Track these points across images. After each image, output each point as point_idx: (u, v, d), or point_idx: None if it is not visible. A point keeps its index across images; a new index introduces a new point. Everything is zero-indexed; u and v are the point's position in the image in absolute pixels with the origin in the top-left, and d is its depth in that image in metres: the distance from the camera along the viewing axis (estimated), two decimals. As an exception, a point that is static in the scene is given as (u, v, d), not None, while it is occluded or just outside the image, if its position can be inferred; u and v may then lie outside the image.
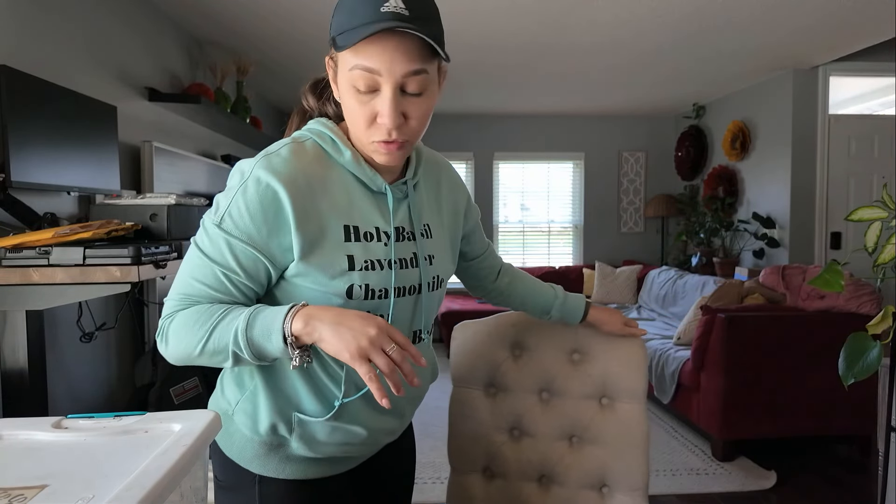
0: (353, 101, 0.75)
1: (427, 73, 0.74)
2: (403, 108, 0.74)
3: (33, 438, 0.55)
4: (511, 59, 3.63)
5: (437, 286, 0.89)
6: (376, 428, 0.88)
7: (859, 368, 1.62)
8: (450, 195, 0.97)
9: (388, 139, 0.75)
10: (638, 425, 1.22)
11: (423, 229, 0.88)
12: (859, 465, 2.75)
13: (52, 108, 1.72)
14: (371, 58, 0.71)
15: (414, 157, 0.90)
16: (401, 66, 0.71)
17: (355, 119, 0.76)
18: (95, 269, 1.32)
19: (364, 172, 0.81)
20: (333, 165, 0.81)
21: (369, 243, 0.80)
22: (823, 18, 2.94)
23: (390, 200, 0.83)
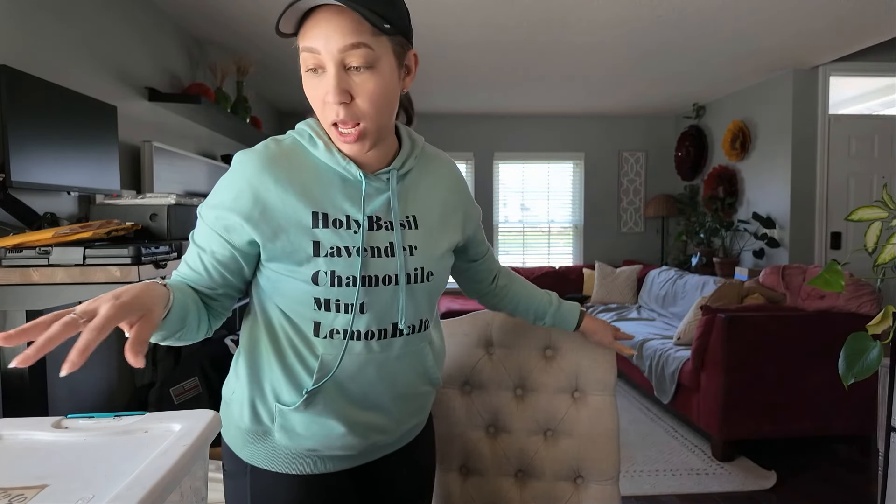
0: (308, 85, 0.78)
1: (369, 47, 0.74)
2: (347, 85, 0.75)
3: (33, 438, 0.55)
4: (511, 58, 3.63)
5: (421, 279, 0.86)
6: (357, 423, 0.86)
7: (859, 368, 1.62)
8: (451, 194, 0.95)
9: (336, 119, 0.76)
10: (609, 416, 1.26)
11: (407, 220, 0.87)
12: (859, 465, 2.75)
13: (52, 108, 1.72)
14: (308, 37, 0.74)
15: (407, 148, 0.89)
16: (336, 41, 0.72)
17: (313, 103, 0.79)
18: (95, 269, 1.32)
19: (337, 161, 0.82)
20: (308, 157, 0.83)
21: (338, 230, 0.81)
22: (824, 18, 2.94)
23: (363, 189, 0.83)
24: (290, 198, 0.79)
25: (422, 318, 0.89)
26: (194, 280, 0.82)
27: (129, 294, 0.62)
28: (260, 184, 0.79)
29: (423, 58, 3.60)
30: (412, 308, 0.87)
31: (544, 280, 5.28)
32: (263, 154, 0.81)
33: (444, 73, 3.97)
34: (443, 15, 2.86)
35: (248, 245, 0.81)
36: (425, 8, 2.76)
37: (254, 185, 0.78)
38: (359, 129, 0.77)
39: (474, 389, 1.30)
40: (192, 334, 0.81)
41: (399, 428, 0.93)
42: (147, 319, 0.63)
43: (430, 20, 2.93)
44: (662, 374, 3.25)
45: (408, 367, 0.89)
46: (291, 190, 0.80)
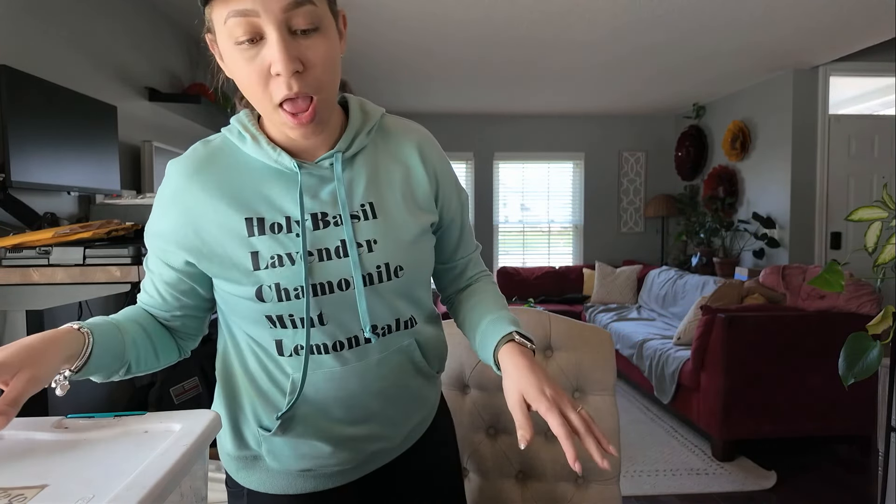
0: (240, 61, 0.64)
1: (313, 3, 0.63)
2: (298, 52, 0.63)
3: (33, 438, 0.55)
4: (511, 59, 3.63)
5: (388, 276, 0.74)
6: (346, 439, 0.79)
7: (859, 368, 1.62)
8: (419, 167, 0.80)
9: (289, 94, 0.63)
10: (609, 416, 1.25)
11: (362, 210, 0.74)
12: (859, 465, 2.75)
13: (52, 108, 1.72)
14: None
15: (356, 123, 0.76)
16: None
17: (250, 84, 0.65)
18: (95, 268, 1.32)
19: (267, 154, 0.71)
20: (239, 156, 0.74)
21: (277, 235, 0.70)
22: (823, 18, 2.94)
23: (300, 181, 0.71)
24: (221, 206, 0.71)
25: (400, 319, 0.78)
26: (151, 304, 0.78)
27: (6, 352, 0.57)
28: (188, 196, 0.71)
29: (424, 58, 3.60)
30: (383, 311, 0.76)
31: (544, 280, 5.28)
32: (189, 161, 0.73)
33: (444, 73, 3.97)
34: (443, 15, 2.86)
35: (187, 265, 0.73)
36: (425, 8, 2.76)
37: (180, 200, 0.71)
38: (314, 105, 0.66)
39: (474, 391, 1.30)
40: (151, 363, 0.76)
41: (400, 430, 0.84)
42: (24, 377, 0.55)
43: (429, 20, 2.93)
44: (662, 374, 3.25)
45: (393, 369, 0.80)
46: (221, 197, 0.71)
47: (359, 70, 3.88)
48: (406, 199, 0.78)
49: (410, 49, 3.42)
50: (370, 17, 2.87)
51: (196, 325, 0.82)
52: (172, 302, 0.77)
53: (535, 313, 1.30)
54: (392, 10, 2.79)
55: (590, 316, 4.73)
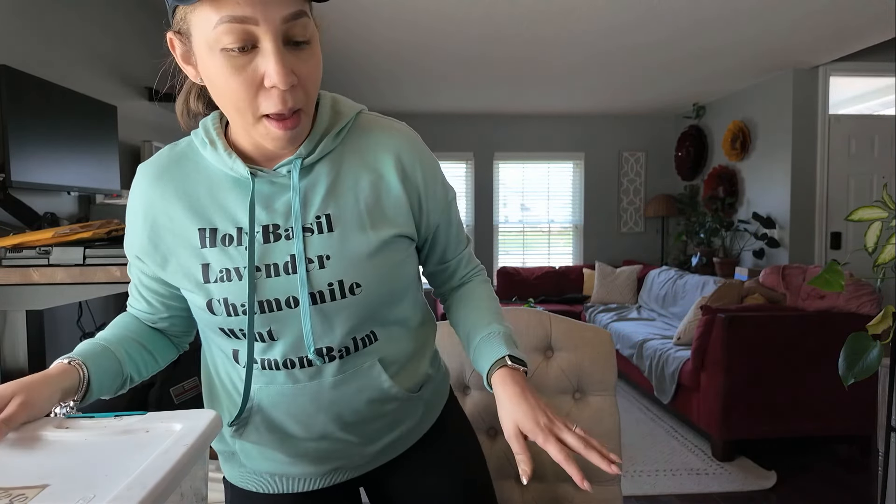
0: (227, 68, 0.58)
1: (308, 16, 0.60)
2: (293, 65, 0.59)
3: (34, 438, 0.55)
4: (511, 59, 3.64)
5: (342, 294, 0.69)
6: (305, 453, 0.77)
7: (859, 368, 1.63)
8: (394, 173, 0.73)
9: (282, 108, 0.60)
10: (610, 416, 1.25)
11: (317, 222, 0.69)
12: (859, 465, 2.75)
13: (52, 108, 1.72)
14: (239, 4, 0.56)
15: (322, 124, 0.70)
16: (278, 8, 0.57)
17: (232, 94, 0.60)
18: (95, 268, 1.32)
19: (222, 160, 0.68)
20: (200, 162, 0.71)
21: (227, 248, 0.68)
22: (823, 18, 2.94)
23: (252, 190, 0.67)
24: (178, 213, 0.69)
25: (357, 336, 0.72)
26: (138, 309, 0.79)
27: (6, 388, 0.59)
28: (148, 202, 0.70)
29: (424, 58, 3.60)
30: (338, 331, 0.71)
31: (544, 280, 5.28)
32: (153, 166, 0.71)
33: (444, 72, 3.97)
34: (443, 15, 2.86)
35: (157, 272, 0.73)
36: (426, 8, 2.76)
37: (143, 204, 0.70)
38: (298, 116, 0.63)
39: (475, 392, 1.30)
40: (152, 367, 0.78)
41: (367, 449, 0.80)
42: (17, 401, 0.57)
43: (430, 20, 2.93)
44: (662, 374, 3.25)
45: (352, 392, 0.74)
46: (179, 204, 0.69)
47: (359, 70, 3.88)
48: (370, 209, 0.71)
49: (411, 49, 3.42)
50: (370, 16, 2.87)
51: (186, 324, 0.81)
52: (157, 306, 0.77)
53: (535, 313, 1.29)
54: (392, 9, 2.79)
55: (590, 316, 4.73)
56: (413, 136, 0.77)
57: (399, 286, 0.75)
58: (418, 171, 0.74)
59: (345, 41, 3.25)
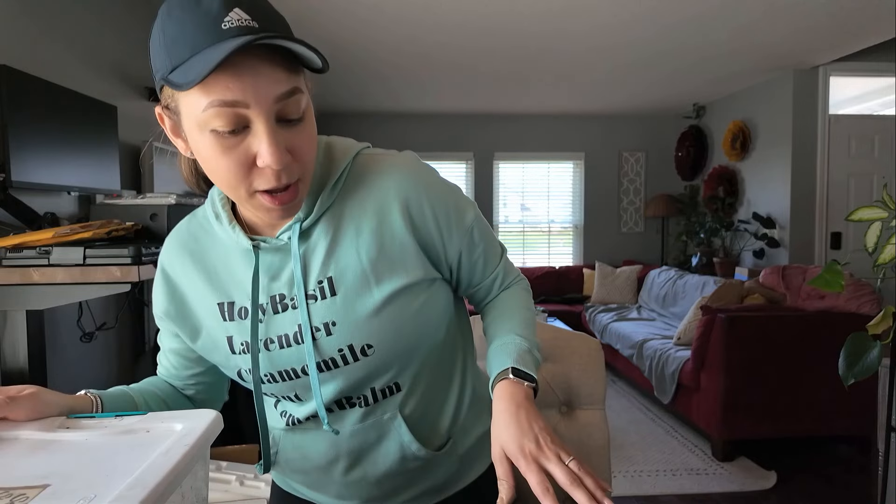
0: (216, 149, 0.57)
1: (301, 91, 0.58)
2: (287, 141, 0.58)
3: (35, 438, 0.55)
4: (511, 58, 3.64)
5: (353, 358, 0.67)
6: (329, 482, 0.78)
7: (859, 368, 1.63)
8: (397, 218, 0.68)
9: (277, 185, 0.58)
10: (599, 432, 1.16)
11: (319, 287, 0.66)
12: (859, 465, 2.75)
13: (53, 108, 1.72)
14: (229, 88, 0.54)
15: (316, 180, 0.67)
16: (270, 90, 0.55)
17: (223, 172, 0.58)
18: (96, 268, 1.32)
19: (227, 232, 0.68)
20: (215, 233, 0.70)
21: (244, 321, 0.68)
22: (823, 18, 2.95)
23: (255, 263, 0.67)
24: (200, 287, 0.70)
25: (377, 387, 0.71)
26: (167, 375, 0.79)
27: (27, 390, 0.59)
28: (173, 274, 0.72)
29: (424, 58, 3.60)
30: (356, 387, 0.70)
31: (544, 280, 5.28)
32: (174, 240, 0.73)
33: (444, 72, 3.97)
34: (444, 15, 2.86)
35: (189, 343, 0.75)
36: (426, 8, 2.76)
37: (168, 277, 0.72)
38: (295, 187, 0.60)
39: None
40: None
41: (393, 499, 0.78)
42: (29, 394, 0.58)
43: (430, 21, 2.93)
44: (662, 374, 3.25)
45: (372, 446, 0.73)
46: (199, 278, 0.70)
47: (359, 70, 3.88)
48: (374, 263, 0.67)
49: (411, 49, 3.42)
50: (370, 16, 2.87)
51: (214, 392, 0.81)
52: (184, 371, 0.77)
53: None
54: (393, 9, 2.79)
55: (590, 316, 4.73)
56: (414, 169, 0.71)
57: (421, 334, 0.70)
58: (426, 208, 0.69)
59: (345, 41, 3.25)
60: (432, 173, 0.72)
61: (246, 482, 1.21)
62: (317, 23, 2.94)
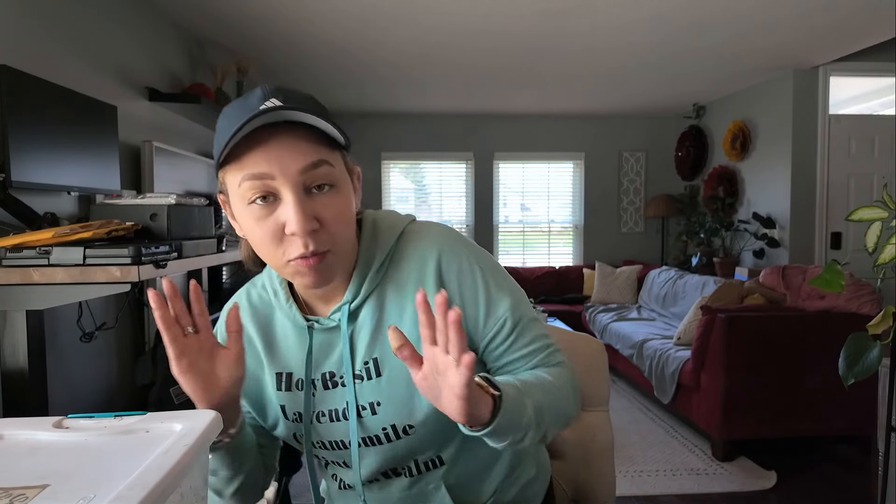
0: (253, 221, 0.63)
1: (330, 164, 0.63)
2: (314, 210, 0.62)
3: (34, 438, 0.55)
4: (511, 58, 3.63)
5: (395, 436, 0.70)
6: None
7: (859, 368, 1.63)
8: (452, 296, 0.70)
9: (304, 252, 0.62)
10: (603, 434, 1.16)
11: (365, 368, 0.70)
12: (859, 465, 2.75)
13: (52, 108, 1.72)
14: (258, 162, 0.61)
15: (363, 264, 0.71)
16: (295, 162, 0.61)
17: (263, 243, 0.64)
18: (95, 268, 1.32)
19: (285, 311, 0.74)
20: (273, 312, 0.77)
21: (299, 392, 0.73)
22: (823, 18, 2.94)
23: (310, 343, 0.71)
24: (261, 354, 0.76)
25: (420, 460, 0.74)
26: None
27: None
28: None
29: (424, 58, 3.60)
30: (400, 460, 0.74)
31: (544, 280, 5.28)
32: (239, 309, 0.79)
33: (444, 72, 3.97)
34: (444, 15, 2.86)
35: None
36: (427, 7, 2.76)
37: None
38: (324, 256, 0.64)
39: None
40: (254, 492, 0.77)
41: None
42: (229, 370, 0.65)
43: (430, 20, 2.93)
44: (662, 374, 3.25)
45: None
46: (260, 345, 0.76)
47: (360, 70, 3.88)
48: (416, 343, 0.68)
49: (411, 49, 3.42)
50: (371, 16, 2.87)
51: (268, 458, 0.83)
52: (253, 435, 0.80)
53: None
54: (393, 9, 2.79)
55: (590, 316, 4.73)
56: (451, 244, 0.73)
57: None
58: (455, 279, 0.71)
59: (346, 41, 3.25)
60: (471, 254, 0.74)
61: (246, 482, 1.21)
62: (316, 24, 2.94)
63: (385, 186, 5.46)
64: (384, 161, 5.47)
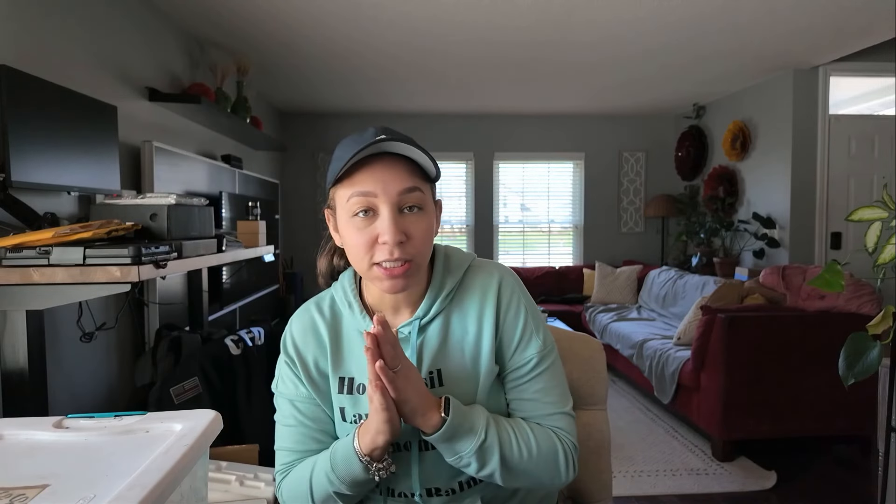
0: (354, 230, 0.77)
1: (421, 191, 0.78)
2: (404, 226, 0.76)
3: (34, 438, 0.55)
4: (511, 59, 3.63)
5: None
6: None
7: (859, 368, 1.63)
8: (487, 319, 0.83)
9: (390, 257, 0.75)
10: (599, 432, 1.16)
11: (429, 377, 0.81)
12: (859, 465, 2.75)
13: (53, 108, 1.72)
14: (366, 182, 0.76)
15: (436, 287, 0.84)
16: (395, 184, 0.76)
17: (357, 248, 0.77)
18: (95, 268, 1.32)
19: (357, 320, 0.84)
20: (342, 320, 0.86)
21: (360, 396, 0.82)
22: (823, 18, 2.94)
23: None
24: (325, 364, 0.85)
25: (462, 480, 0.83)
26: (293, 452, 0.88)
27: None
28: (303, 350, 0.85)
29: (424, 57, 3.60)
30: (445, 473, 0.81)
31: (544, 280, 5.28)
32: (302, 320, 0.88)
33: (444, 73, 3.97)
34: (443, 15, 2.86)
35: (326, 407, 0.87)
36: (427, 7, 2.76)
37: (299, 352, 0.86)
38: (407, 265, 0.77)
39: None
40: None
41: None
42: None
43: (430, 20, 2.93)
44: (662, 374, 3.25)
45: None
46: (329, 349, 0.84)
47: (360, 70, 3.88)
48: (474, 361, 0.82)
49: (411, 49, 3.42)
50: (371, 16, 2.88)
51: None
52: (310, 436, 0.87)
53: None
54: (393, 10, 2.79)
55: (590, 316, 4.73)
56: (506, 283, 0.86)
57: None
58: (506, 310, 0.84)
59: (346, 42, 3.25)
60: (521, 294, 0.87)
61: (246, 482, 1.21)
62: (317, 25, 2.94)
63: (385, 186, 5.46)
64: (384, 161, 5.46)
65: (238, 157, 3.58)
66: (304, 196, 5.42)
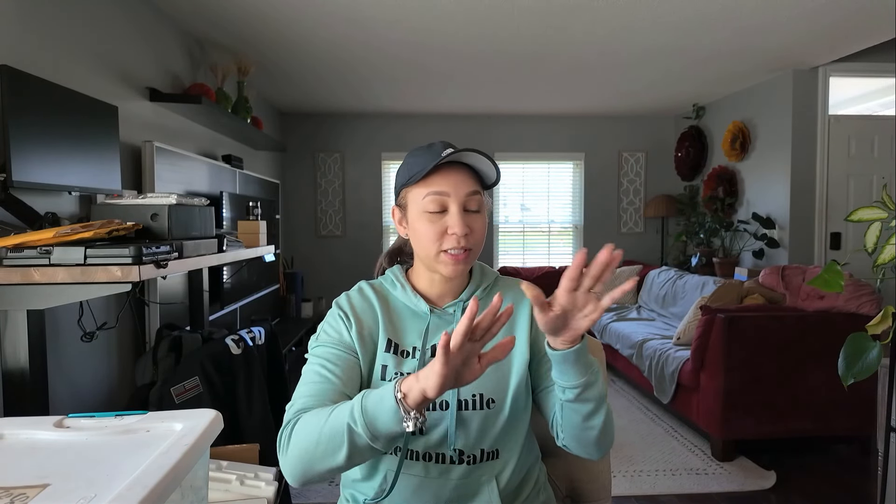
0: (426, 223, 0.94)
1: (481, 195, 0.96)
2: (467, 221, 0.93)
3: (35, 438, 0.55)
4: (511, 59, 3.64)
5: (480, 405, 0.93)
6: None
7: (859, 368, 1.63)
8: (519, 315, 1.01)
9: (456, 246, 0.92)
10: None
11: None
12: (859, 465, 2.75)
13: (53, 108, 1.72)
14: (441, 184, 0.93)
15: (476, 280, 1.03)
16: (463, 188, 0.93)
17: (427, 238, 0.94)
18: (96, 268, 1.32)
19: (410, 299, 1.00)
20: (391, 297, 1.02)
21: (403, 359, 0.95)
22: (823, 19, 2.95)
23: (429, 321, 0.98)
24: (374, 328, 0.98)
25: (485, 450, 0.94)
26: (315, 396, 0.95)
27: None
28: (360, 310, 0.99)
29: (424, 57, 3.61)
30: (470, 436, 0.93)
31: (544, 280, 5.28)
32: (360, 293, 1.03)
33: (444, 73, 3.97)
34: (444, 15, 2.87)
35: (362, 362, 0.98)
36: (427, 7, 2.77)
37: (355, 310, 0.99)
38: (467, 253, 0.94)
39: None
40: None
41: None
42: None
43: (431, 20, 2.94)
44: (662, 374, 3.25)
45: (468, 496, 0.94)
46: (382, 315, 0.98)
47: (359, 70, 3.88)
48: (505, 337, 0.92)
49: (410, 50, 3.42)
50: (370, 16, 2.88)
51: None
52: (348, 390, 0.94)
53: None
54: (392, 9, 2.79)
55: (590, 316, 4.72)
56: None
57: (522, 407, 0.98)
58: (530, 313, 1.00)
59: (347, 42, 3.25)
60: None
61: (246, 482, 1.21)
62: (315, 24, 2.94)
63: (385, 186, 5.47)
64: (384, 161, 5.47)
65: (238, 157, 3.58)
66: (304, 196, 5.42)
